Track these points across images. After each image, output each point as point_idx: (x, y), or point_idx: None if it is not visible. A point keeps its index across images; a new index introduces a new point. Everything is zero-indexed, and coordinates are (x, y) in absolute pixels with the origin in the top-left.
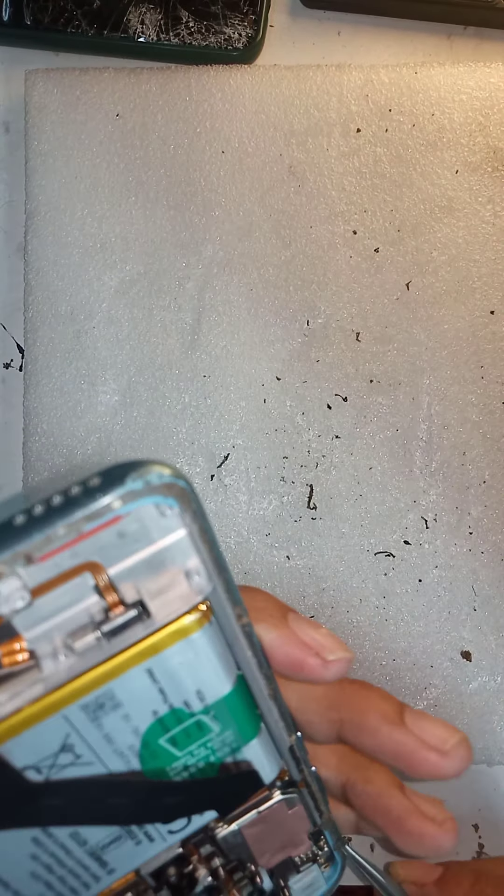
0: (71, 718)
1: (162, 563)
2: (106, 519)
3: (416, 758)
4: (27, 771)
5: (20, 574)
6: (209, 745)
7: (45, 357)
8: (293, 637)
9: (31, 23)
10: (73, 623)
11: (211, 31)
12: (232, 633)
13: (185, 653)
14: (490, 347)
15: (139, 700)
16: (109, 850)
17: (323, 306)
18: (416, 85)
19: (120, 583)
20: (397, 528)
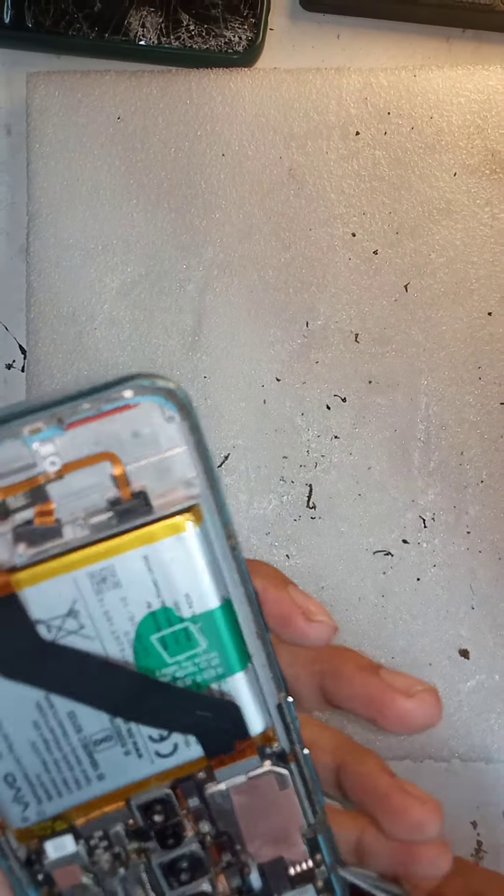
0: (79, 583)
1: (166, 471)
2: (120, 404)
3: (385, 700)
4: (39, 625)
5: (55, 442)
6: (196, 662)
7: (46, 358)
8: (286, 596)
9: (32, 25)
10: (91, 503)
11: (211, 35)
12: (221, 548)
13: (176, 549)
14: (488, 348)
15: (136, 585)
16: (101, 751)
17: (322, 308)
18: (415, 88)
19: (131, 479)
20: (396, 528)
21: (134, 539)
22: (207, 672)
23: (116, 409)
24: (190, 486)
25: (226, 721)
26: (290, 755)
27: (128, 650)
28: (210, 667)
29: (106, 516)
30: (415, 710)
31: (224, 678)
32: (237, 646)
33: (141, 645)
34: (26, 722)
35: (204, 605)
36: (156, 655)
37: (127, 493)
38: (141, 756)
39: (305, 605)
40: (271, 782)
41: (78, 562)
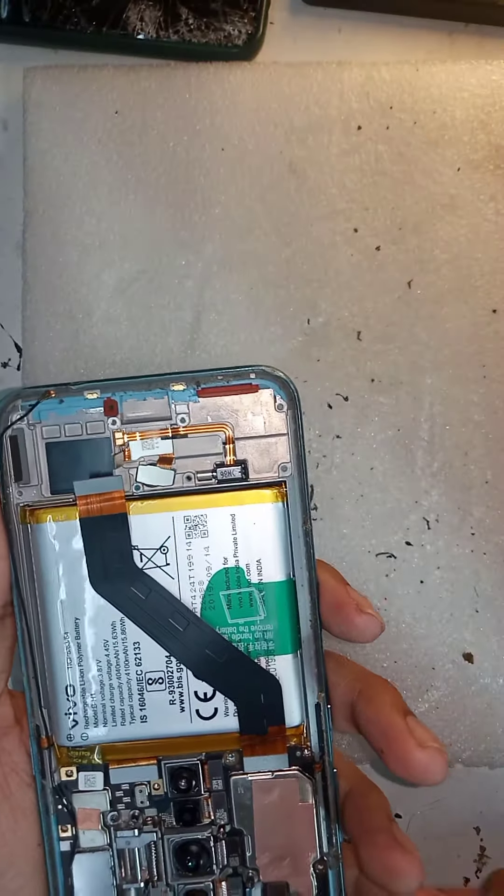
0: (175, 523)
1: (266, 451)
2: (245, 382)
3: (399, 740)
4: (135, 551)
5: (188, 406)
6: (252, 630)
7: (43, 356)
8: (344, 589)
9: (29, 20)
10: (202, 461)
11: (211, 28)
12: (296, 530)
13: (258, 516)
14: (492, 346)
15: (219, 539)
16: (151, 691)
17: (324, 305)
18: (418, 82)
19: (238, 448)
20: (399, 529)
21: (227, 498)
22: (260, 643)
23: (241, 387)
24: (283, 468)
25: (266, 697)
26: (318, 765)
27: (198, 598)
28: (263, 639)
29: (210, 474)
30: (418, 760)
31: (274, 655)
32: (292, 626)
33: (210, 596)
34: (100, 639)
35: (271, 576)
36: (220, 611)
37: (231, 460)
38: (183, 710)
39: (358, 600)
40: (294, 788)
41: (179, 504)
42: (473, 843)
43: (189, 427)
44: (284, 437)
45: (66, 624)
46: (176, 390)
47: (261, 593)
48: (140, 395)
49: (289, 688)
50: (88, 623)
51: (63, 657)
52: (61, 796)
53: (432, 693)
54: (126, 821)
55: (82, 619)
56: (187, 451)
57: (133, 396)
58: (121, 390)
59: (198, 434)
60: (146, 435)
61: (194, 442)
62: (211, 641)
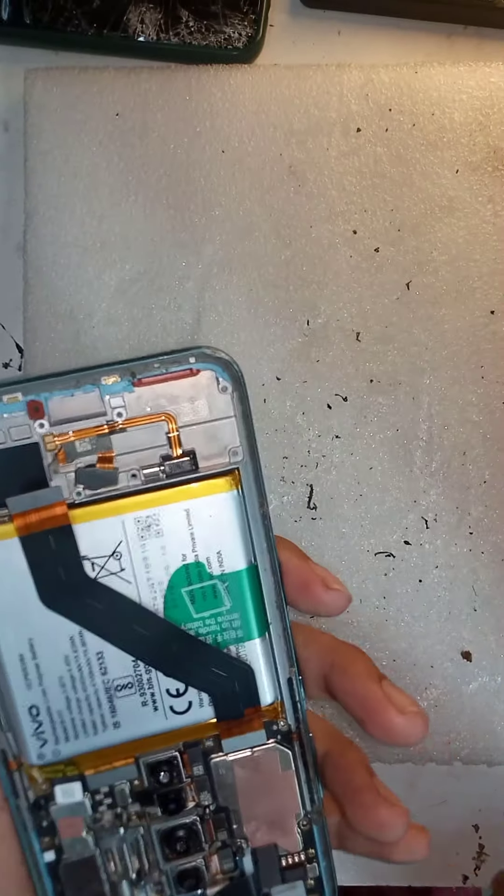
0: (126, 526)
1: (213, 437)
2: (185, 368)
3: (378, 709)
4: (85, 561)
5: (124, 398)
6: (219, 621)
7: (44, 357)
8: (307, 566)
9: (30, 22)
10: (146, 456)
11: (211, 31)
12: (254, 515)
13: (214, 507)
14: (490, 347)
15: (175, 536)
16: (121, 697)
17: (323, 306)
18: (417, 84)
19: (183, 437)
20: (397, 529)
21: (179, 493)
22: (228, 633)
23: (181, 373)
24: (233, 453)
25: (240, 684)
26: (295, 734)
27: (159, 599)
28: (231, 628)
29: (157, 469)
30: (400, 726)
31: (243, 641)
32: (258, 611)
33: (172, 595)
34: (59, 655)
35: (233, 565)
36: (184, 608)
37: (178, 452)
38: (157, 709)
39: (324, 576)
40: (274, 760)
41: (128, 506)
42: (472, 840)
43: (127, 420)
44: (231, 420)
45: (19, 645)
46: (108, 384)
47: (224, 584)
48: (67, 392)
49: (260, 670)
50: (44, 641)
51: (20, 679)
52: (39, 810)
53: (431, 691)
54: (110, 820)
55: (36, 637)
56: (128, 446)
57: (59, 394)
58: (45, 390)
59: (138, 427)
60: (80, 434)
61: (135, 436)
62: (178, 640)
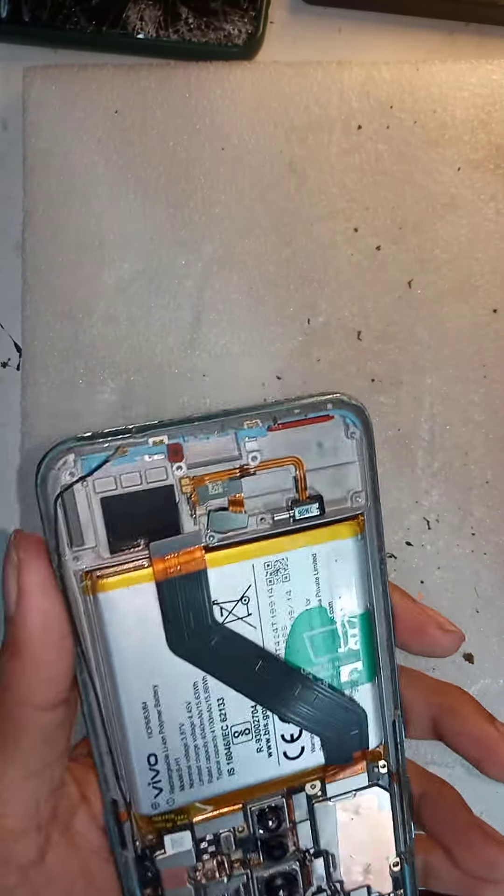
0: (256, 570)
1: (339, 481)
2: (322, 413)
3: (495, 748)
4: (215, 606)
5: (258, 441)
6: (336, 665)
7: (42, 356)
8: (420, 607)
9: (29, 19)
10: (275, 499)
11: (210, 28)
12: (374, 559)
13: (339, 552)
14: (493, 346)
15: (301, 581)
16: (237, 744)
17: (324, 304)
18: (418, 82)
19: (310, 482)
20: (399, 529)
21: (306, 537)
22: (343, 677)
23: (319, 418)
24: (358, 498)
25: (353, 728)
26: (395, 775)
27: (282, 644)
28: (346, 672)
29: (286, 514)
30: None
31: (357, 686)
32: (371, 656)
33: (294, 640)
34: (182, 702)
35: (352, 610)
36: (304, 653)
37: (305, 496)
38: (271, 755)
39: (437, 618)
40: (374, 801)
41: (258, 550)
42: None
43: (258, 465)
44: (356, 465)
45: (143, 693)
46: (247, 429)
47: (343, 629)
48: (204, 437)
49: (371, 713)
50: (168, 688)
51: (142, 727)
52: (144, 861)
53: None
54: (213, 869)
55: (161, 684)
56: (257, 489)
57: (197, 438)
58: (188, 434)
59: (267, 471)
60: (214, 477)
61: (263, 480)
62: (298, 684)
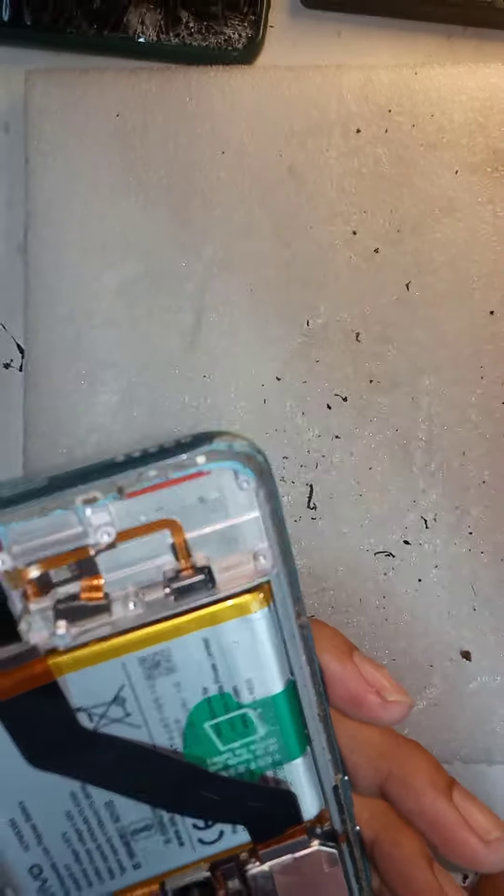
0: (128, 668)
1: (234, 541)
2: (191, 472)
3: (455, 835)
4: (80, 713)
5: (110, 510)
6: (251, 749)
7: (44, 357)
8: (356, 672)
9: (31, 23)
10: (146, 576)
11: (211, 32)
12: (289, 629)
13: (241, 632)
14: (490, 348)
15: (192, 670)
16: (139, 840)
17: (323, 306)
18: (416, 85)
19: (193, 548)
20: (397, 528)
21: (194, 621)
22: (263, 759)
23: (186, 477)
24: (260, 557)
25: (279, 808)
26: (342, 836)
27: (177, 739)
28: (267, 753)
29: (162, 593)
30: (487, 857)
31: (281, 765)
32: (297, 731)
33: (192, 732)
34: (58, 813)
35: (266, 691)
36: (208, 743)
37: (188, 567)
38: (182, 844)
39: (377, 682)
40: (318, 861)
41: (128, 645)
42: None
43: (118, 535)
44: (256, 518)
45: (6, 812)
46: (89, 503)
47: (256, 711)
48: (29, 521)
49: (302, 789)
50: (37, 802)
51: (15, 844)
52: None
53: (430, 691)
54: None
55: (28, 799)
56: (121, 564)
57: (21, 524)
58: (2, 524)
59: (132, 540)
60: (56, 563)
61: (129, 552)
62: (201, 780)
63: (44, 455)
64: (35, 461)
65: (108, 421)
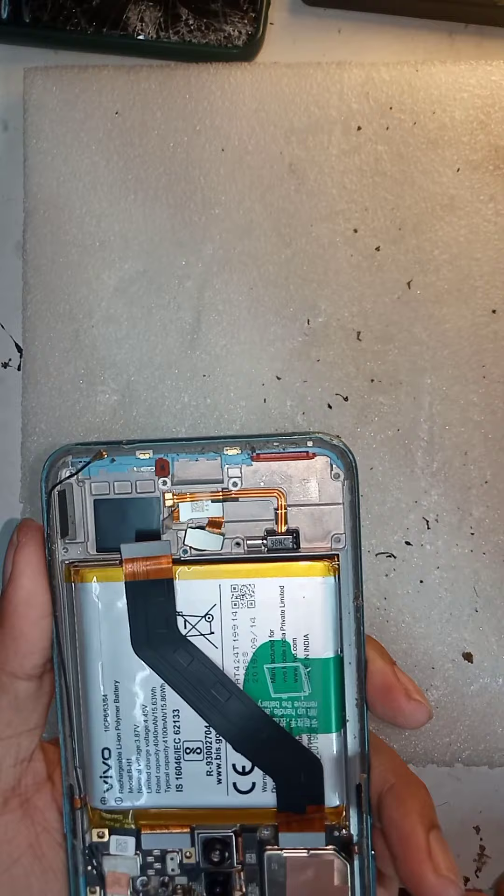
0: (222, 591)
1: (319, 519)
2: (301, 450)
3: (415, 862)
4: (179, 617)
5: (241, 469)
6: (295, 705)
7: (43, 356)
8: (392, 671)
9: (30, 21)
10: (252, 527)
11: (211, 29)
12: (347, 605)
13: (308, 589)
14: (492, 347)
15: (266, 610)
16: (188, 760)
17: (323, 305)
18: (417, 83)
19: (288, 514)
20: (398, 529)
21: (277, 569)
22: (302, 720)
23: (297, 455)
24: (336, 540)
25: (305, 776)
26: (356, 847)
27: (241, 670)
28: (307, 716)
29: (261, 542)
30: (432, 888)
31: (316, 733)
32: (337, 705)
33: (254, 669)
34: (138, 704)
35: (318, 652)
36: (263, 684)
37: (283, 528)
38: (220, 781)
39: (407, 684)
40: (330, 869)
41: (227, 572)
42: (473, 842)
43: (241, 491)
44: (339, 507)
45: (105, 686)
46: (229, 454)
47: (306, 669)
48: (192, 457)
49: (330, 767)
50: (128, 687)
51: (100, 719)
52: (91, 857)
53: (432, 692)
54: (155, 887)
55: (122, 682)
56: (238, 515)
57: (185, 457)
58: (173, 451)
59: (249, 499)
60: (196, 497)
61: (245, 506)
62: (252, 716)
63: (42, 455)
64: (34, 461)
65: (107, 420)
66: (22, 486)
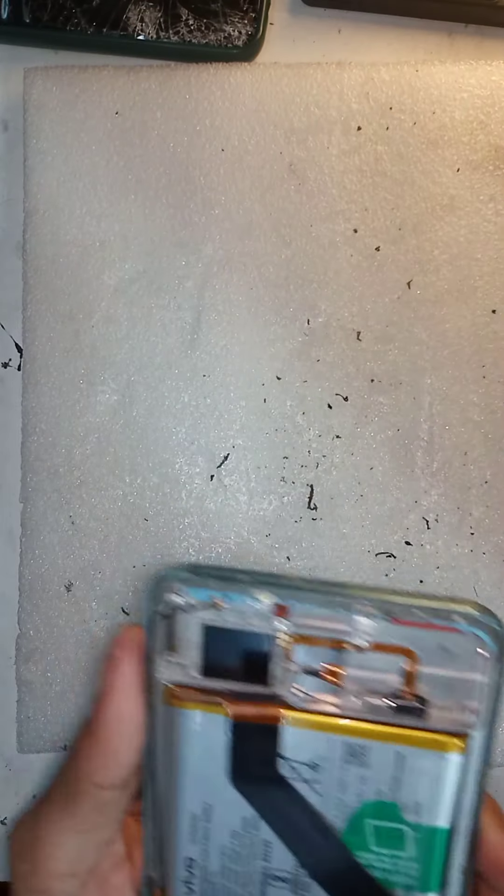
0: (333, 746)
1: (454, 688)
2: (448, 624)
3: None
4: (282, 761)
5: (375, 625)
6: (395, 862)
7: (43, 356)
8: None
9: (30, 21)
10: (376, 684)
11: (211, 29)
12: (472, 783)
13: (431, 763)
14: (492, 347)
15: (379, 773)
16: (274, 887)
17: (323, 305)
18: (417, 83)
19: (420, 679)
20: (398, 529)
21: (399, 736)
22: (400, 877)
23: (442, 627)
24: (470, 714)
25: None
26: None
27: (342, 820)
28: (405, 874)
29: (384, 703)
30: None
31: (413, 892)
32: (440, 870)
33: (356, 821)
34: (228, 828)
35: (431, 821)
36: (363, 837)
37: (410, 692)
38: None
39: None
40: None
41: (342, 728)
42: None
43: (365, 645)
44: (481, 682)
45: (194, 804)
46: (360, 620)
47: (414, 833)
48: (316, 608)
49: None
50: (219, 812)
51: (186, 833)
52: None
53: None
54: None
55: (215, 806)
56: (359, 667)
57: (309, 605)
58: (297, 599)
59: (377, 652)
60: (315, 641)
61: (370, 659)
62: (347, 866)
63: (42, 455)
64: (34, 461)
65: (107, 420)
66: (22, 486)
